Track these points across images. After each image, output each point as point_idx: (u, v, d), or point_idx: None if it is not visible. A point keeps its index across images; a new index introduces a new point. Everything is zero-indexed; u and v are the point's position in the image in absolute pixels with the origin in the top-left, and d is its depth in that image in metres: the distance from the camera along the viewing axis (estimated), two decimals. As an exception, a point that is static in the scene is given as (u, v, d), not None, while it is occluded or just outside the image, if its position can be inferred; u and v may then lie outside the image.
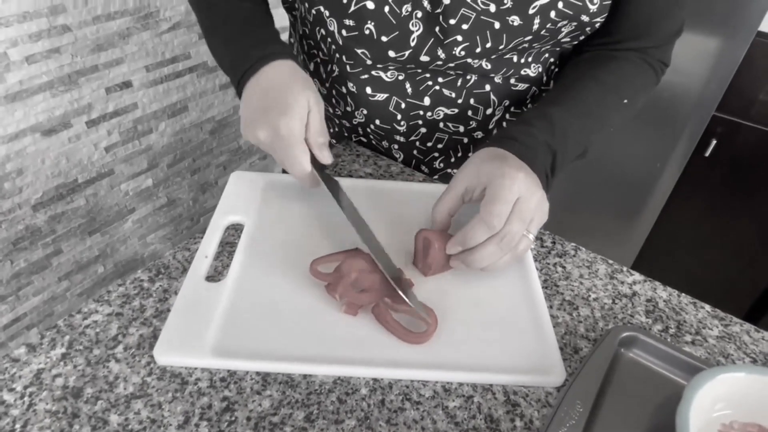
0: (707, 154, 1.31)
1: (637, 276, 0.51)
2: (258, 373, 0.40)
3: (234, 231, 0.52)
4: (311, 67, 0.65)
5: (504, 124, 0.65)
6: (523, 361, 0.42)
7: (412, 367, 0.41)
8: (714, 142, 1.29)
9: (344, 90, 0.61)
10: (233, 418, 0.37)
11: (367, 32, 0.51)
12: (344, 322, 0.44)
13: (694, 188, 1.37)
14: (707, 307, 0.49)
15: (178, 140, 1.20)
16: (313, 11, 0.53)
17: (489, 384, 0.41)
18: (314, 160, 0.51)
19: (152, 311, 0.44)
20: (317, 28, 0.55)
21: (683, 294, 0.50)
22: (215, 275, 0.47)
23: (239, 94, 0.53)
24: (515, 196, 0.44)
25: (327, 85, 0.63)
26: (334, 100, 0.64)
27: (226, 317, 0.43)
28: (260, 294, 0.45)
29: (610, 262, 0.53)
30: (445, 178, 0.69)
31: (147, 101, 1.09)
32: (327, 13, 0.52)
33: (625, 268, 0.52)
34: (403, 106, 0.60)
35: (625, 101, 0.55)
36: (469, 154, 0.66)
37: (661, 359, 0.43)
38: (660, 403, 0.40)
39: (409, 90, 0.59)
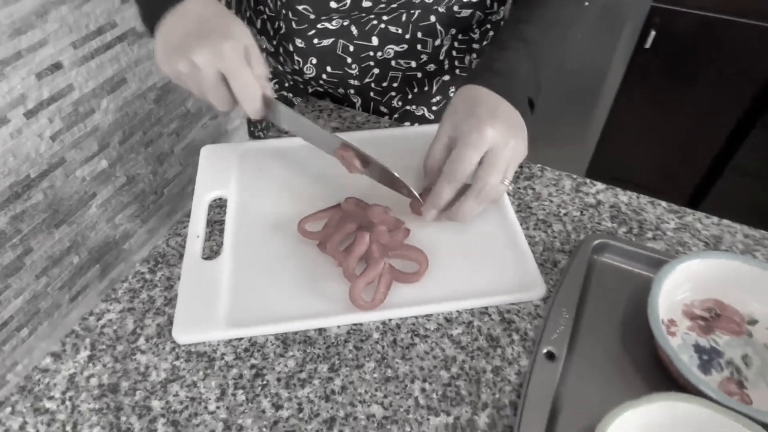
0: (648, 45, 1.35)
1: (600, 185, 0.56)
2: (277, 338, 0.43)
3: (219, 208, 0.54)
4: (258, 24, 0.63)
5: (453, 53, 0.66)
6: (510, 281, 0.47)
7: (414, 305, 0.45)
8: (653, 32, 1.32)
9: (291, 48, 0.60)
10: (265, 382, 0.41)
11: None
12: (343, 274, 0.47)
13: (639, 82, 1.42)
14: (663, 203, 0.54)
15: (123, 115, 1.15)
16: None
17: (485, 307, 0.45)
18: None
19: (161, 300, 0.46)
20: None
21: (641, 195, 0.55)
22: (211, 254, 0.49)
23: (152, 31, 0.48)
24: (485, 147, 0.44)
25: (275, 42, 0.62)
26: (281, 58, 0.64)
27: (231, 290, 0.46)
28: (258, 262, 0.48)
29: (574, 176, 0.57)
30: (406, 116, 0.70)
31: (82, 80, 1.03)
32: None
33: (588, 180, 0.57)
34: (351, 49, 0.60)
35: (587, 3, 0.54)
36: (426, 89, 0.68)
37: (629, 258, 0.48)
38: (633, 297, 0.45)
39: (356, 32, 0.59)
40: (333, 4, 0.53)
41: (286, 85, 0.70)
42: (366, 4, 0.53)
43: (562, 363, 0.40)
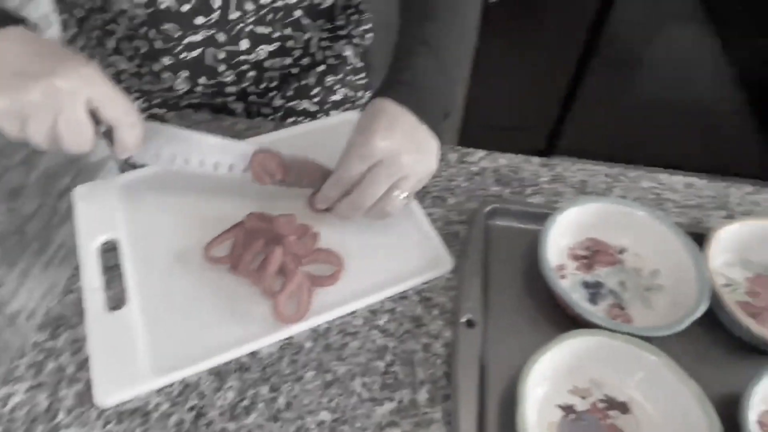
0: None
1: (480, 152, 0.61)
2: (210, 373, 0.43)
3: (110, 252, 0.50)
4: (110, 44, 0.58)
5: (323, 44, 0.66)
6: (420, 262, 0.50)
7: (338, 306, 0.46)
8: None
9: (157, 68, 0.56)
10: (208, 421, 0.40)
11: (163, 6, 0.47)
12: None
13: (493, 33, 1.51)
14: (536, 159, 0.60)
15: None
16: None
17: (403, 292, 0.48)
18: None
19: (73, 366, 0.43)
20: (109, 3, 0.49)
21: (518, 155, 0.61)
22: (116, 304, 0.46)
23: None
24: (373, 159, 0.44)
25: (136, 62, 0.58)
26: (146, 78, 0.60)
27: (148, 336, 0.44)
28: (170, 300, 0.46)
29: (457, 148, 0.61)
30: (290, 113, 0.70)
31: None
32: None
33: (470, 149, 0.61)
34: (222, 56, 0.58)
35: None
36: (304, 82, 0.68)
37: (517, 217, 0.53)
38: (527, 252, 0.50)
39: (223, 39, 0.57)
40: (200, 20, 0.50)
41: (155, 102, 0.65)
42: (233, 15, 0.51)
43: (481, 327, 0.45)
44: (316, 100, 0.71)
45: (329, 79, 0.70)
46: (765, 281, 0.49)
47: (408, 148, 0.45)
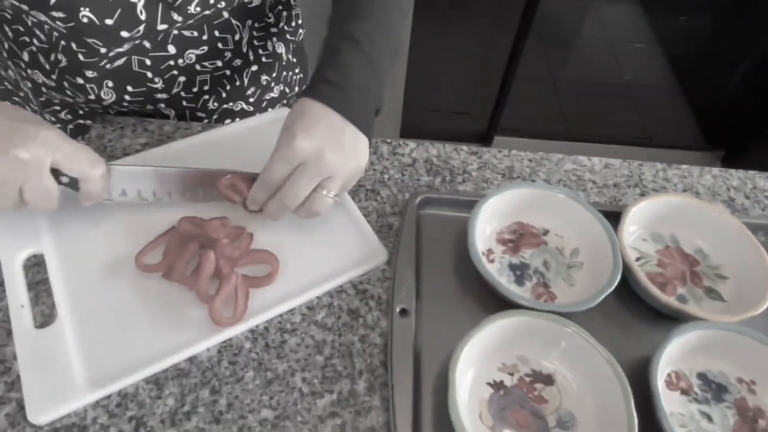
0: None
1: (412, 144, 0.62)
2: (148, 382, 0.43)
3: (36, 267, 0.49)
4: (25, 56, 0.55)
5: (255, 42, 0.65)
6: (356, 255, 0.51)
7: (275, 305, 0.47)
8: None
9: (80, 80, 0.54)
10: (148, 429, 0.40)
11: (85, 20, 0.46)
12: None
13: (428, 18, 1.53)
14: (465, 147, 0.62)
15: None
16: (6, 3, 0.44)
17: (339, 286, 0.50)
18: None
19: (2, 387, 0.42)
20: (23, 15, 0.47)
21: (446, 143, 0.63)
22: (45, 320, 0.45)
23: None
24: (296, 161, 0.44)
25: (54, 76, 0.55)
26: (69, 92, 0.57)
27: (81, 350, 0.43)
28: (103, 312, 0.46)
29: (389, 140, 0.62)
30: (226, 115, 0.69)
31: None
32: (25, 6, 0.44)
33: (401, 141, 0.62)
34: (149, 62, 0.57)
35: None
36: (238, 84, 0.67)
37: (448, 206, 0.55)
38: (458, 239, 0.53)
39: (149, 45, 0.55)
40: (125, 34, 0.48)
41: (81, 113, 0.63)
42: (161, 27, 0.49)
43: (414, 315, 0.46)
44: (252, 100, 0.70)
45: (264, 78, 0.70)
46: (672, 252, 0.53)
47: (332, 147, 0.45)
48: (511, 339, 0.45)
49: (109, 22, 0.47)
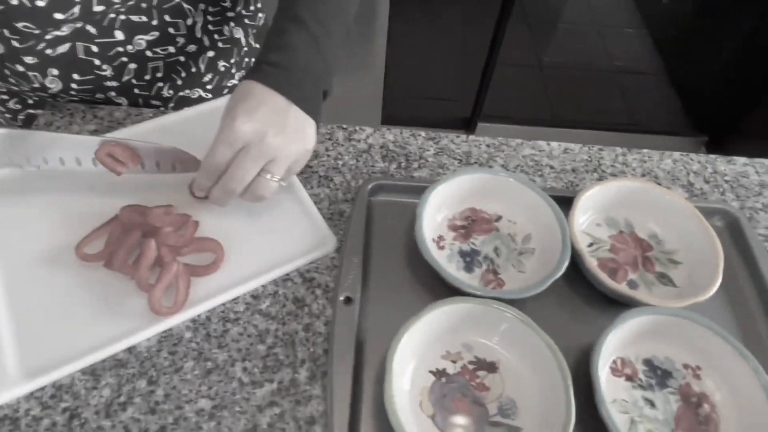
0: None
1: (369, 129, 0.61)
2: (84, 373, 0.42)
3: (-25, 256, 0.48)
4: None
5: (209, 27, 0.63)
6: (304, 243, 0.50)
7: (219, 294, 0.46)
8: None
9: (21, 68, 0.53)
10: (82, 421, 0.40)
11: (15, 2, 0.44)
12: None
13: (409, 6, 1.51)
14: (423, 133, 0.61)
15: None
16: None
17: (286, 274, 0.49)
18: None
19: (-67, 379, 0.41)
20: None
21: (404, 129, 0.62)
22: (-18, 310, 0.44)
23: None
24: (238, 144, 0.44)
25: None
26: (12, 80, 0.56)
27: (15, 340, 0.43)
28: (40, 302, 0.45)
29: (345, 126, 0.61)
30: (183, 103, 0.67)
31: None
32: None
33: (358, 127, 0.61)
34: (95, 49, 0.55)
35: None
36: (194, 70, 0.66)
37: (401, 192, 0.55)
38: (410, 226, 0.52)
39: (94, 31, 0.54)
40: (58, 16, 0.46)
41: (30, 102, 0.61)
42: (98, 8, 0.48)
43: (358, 304, 0.46)
44: (210, 87, 0.68)
45: (222, 64, 0.68)
46: (625, 238, 0.53)
47: (276, 130, 0.45)
48: (456, 326, 0.44)
49: (40, 3, 0.45)
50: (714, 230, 0.50)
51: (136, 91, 0.62)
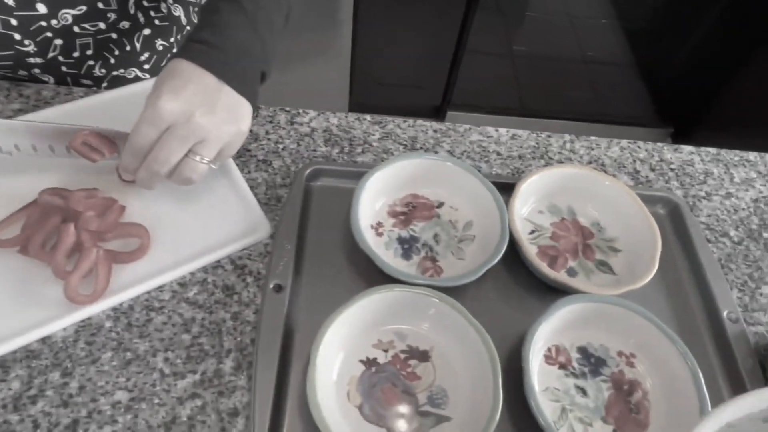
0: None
1: (312, 113, 0.59)
2: (-8, 365, 0.40)
3: None
4: None
5: (144, 3, 0.60)
6: (237, 228, 0.48)
7: (143, 281, 0.44)
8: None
9: None
10: (-14, 415, 0.38)
11: None
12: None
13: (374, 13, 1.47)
14: (368, 117, 0.60)
15: None
16: None
17: (216, 261, 0.47)
18: None
19: None
20: None
21: (349, 113, 0.60)
22: None
23: None
24: (162, 123, 0.42)
25: None
26: None
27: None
28: (-48, 293, 0.42)
29: (288, 109, 0.59)
30: (118, 82, 0.64)
31: None
32: None
33: (301, 110, 0.59)
34: (14, 23, 0.52)
35: None
36: (128, 48, 0.62)
37: (341, 177, 0.53)
38: (348, 213, 0.50)
39: (12, 3, 0.50)
40: None
41: None
42: None
43: (288, 292, 0.44)
44: (147, 67, 0.65)
45: (160, 43, 0.65)
46: (567, 225, 0.52)
47: (204, 110, 0.42)
48: (387, 315, 0.43)
49: None
50: (655, 218, 0.50)
51: (64, 69, 0.59)
